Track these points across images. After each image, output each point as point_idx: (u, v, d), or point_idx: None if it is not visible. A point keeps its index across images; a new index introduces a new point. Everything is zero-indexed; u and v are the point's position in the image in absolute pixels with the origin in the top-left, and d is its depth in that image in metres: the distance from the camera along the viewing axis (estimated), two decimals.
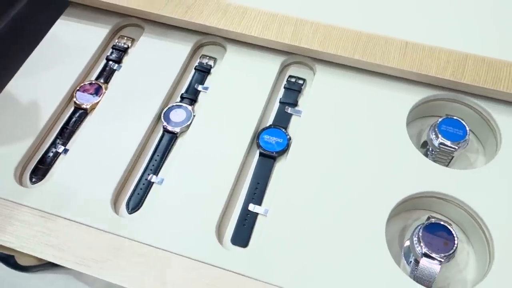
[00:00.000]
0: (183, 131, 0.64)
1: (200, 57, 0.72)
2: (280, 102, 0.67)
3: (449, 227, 0.53)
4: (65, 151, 0.63)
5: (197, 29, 0.70)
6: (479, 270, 0.55)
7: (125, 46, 0.73)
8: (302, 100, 0.67)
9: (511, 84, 0.61)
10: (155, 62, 0.69)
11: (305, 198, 0.57)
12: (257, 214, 0.58)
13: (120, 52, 0.72)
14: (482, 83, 0.61)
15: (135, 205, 0.59)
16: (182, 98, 0.68)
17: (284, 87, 0.68)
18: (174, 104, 0.66)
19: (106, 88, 0.68)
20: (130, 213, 0.59)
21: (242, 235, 0.57)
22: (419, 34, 0.66)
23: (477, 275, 0.55)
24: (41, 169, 0.62)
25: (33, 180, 0.61)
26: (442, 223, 0.54)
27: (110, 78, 0.70)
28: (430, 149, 0.62)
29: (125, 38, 0.74)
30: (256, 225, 0.58)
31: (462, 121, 0.61)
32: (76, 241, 0.55)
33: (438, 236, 0.53)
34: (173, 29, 0.71)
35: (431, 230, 0.53)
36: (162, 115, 0.65)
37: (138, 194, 0.60)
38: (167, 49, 0.70)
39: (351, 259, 0.53)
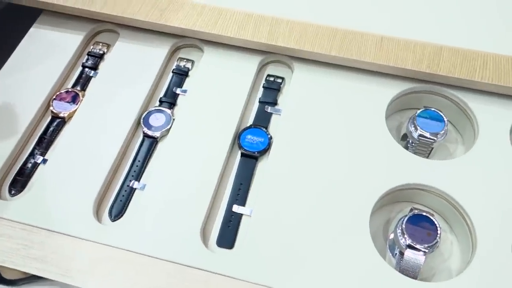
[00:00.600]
0: (163, 135, 0.64)
1: (178, 60, 0.71)
2: (259, 101, 0.67)
3: (431, 217, 0.54)
4: (44, 161, 0.62)
5: (172, 32, 0.69)
6: (463, 258, 0.56)
7: (101, 52, 0.72)
8: (282, 99, 0.67)
9: (486, 74, 0.62)
10: (132, 67, 0.69)
11: (288, 196, 0.57)
12: (241, 215, 0.58)
13: (96, 59, 0.71)
14: (458, 74, 0.62)
15: (118, 212, 0.59)
16: (161, 102, 0.67)
17: (263, 87, 0.68)
18: (153, 108, 0.66)
19: (83, 96, 0.67)
20: (113, 220, 0.58)
21: (227, 236, 0.57)
22: (394, 28, 0.67)
23: (461, 263, 0.56)
24: (20, 180, 0.61)
25: (12, 192, 0.60)
26: (424, 214, 0.54)
27: (87, 85, 0.69)
28: (410, 142, 0.62)
29: (101, 44, 0.73)
30: (241, 225, 0.58)
31: (440, 112, 0.62)
32: (59, 252, 0.54)
33: (421, 227, 0.54)
34: (149, 33, 0.71)
35: (414, 222, 0.54)
36: (141, 120, 0.65)
37: (121, 201, 0.59)
38: (143, 53, 0.70)
39: (337, 254, 0.54)
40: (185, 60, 0.71)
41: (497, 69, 0.62)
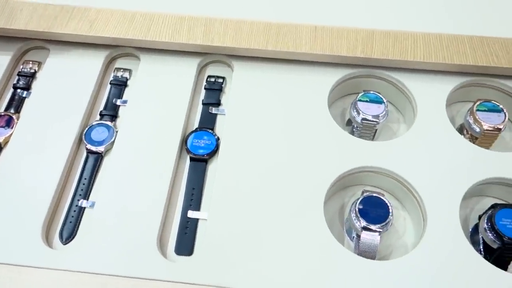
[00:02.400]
0: (108, 149, 0.62)
1: (114, 71, 0.70)
2: (203, 103, 0.66)
3: (381, 197, 0.55)
4: None
5: (105, 42, 0.68)
6: (416, 232, 0.58)
7: (32, 71, 0.69)
8: (225, 99, 0.67)
9: (417, 53, 0.64)
10: (67, 83, 0.66)
11: (242, 196, 0.57)
12: (197, 219, 0.58)
13: (28, 78, 0.68)
14: (391, 55, 0.64)
15: (69, 234, 0.57)
16: (101, 115, 0.65)
17: (205, 88, 0.68)
18: (94, 123, 0.64)
19: (18, 118, 0.64)
20: (64, 243, 0.56)
21: (185, 243, 0.56)
22: (326, 18, 0.68)
23: (416, 237, 0.58)
24: None
25: None
26: (375, 195, 0.55)
27: (21, 107, 0.66)
28: (355, 126, 0.64)
29: (31, 62, 0.70)
30: (198, 230, 0.57)
31: (379, 94, 0.63)
32: (10, 283, 0.51)
33: (374, 207, 0.55)
34: (80, 46, 0.68)
35: (366, 203, 0.55)
36: (83, 136, 0.63)
37: (71, 222, 0.57)
38: (77, 68, 0.67)
39: (295, 247, 0.54)
40: (122, 70, 0.69)
41: (427, 47, 0.65)
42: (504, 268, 0.55)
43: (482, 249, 0.56)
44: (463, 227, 0.57)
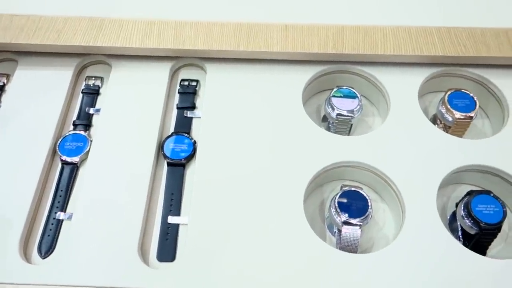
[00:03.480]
0: (83, 159, 0.61)
1: (86, 79, 0.69)
2: (177, 107, 0.66)
3: (360, 191, 0.56)
4: None
5: (75, 51, 0.67)
6: (396, 224, 0.59)
7: (0, 83, 0.67)
8: (200, 102, 0.67)
9: (387, 46, 0.65)
10: (38, 94, 0.65)
11: (221, 199, 0.57)
12: (178, 225, 0.57)
13: None
14: (362, 50, 0.64)
15: (47, 248, 0.56)
16: (75, 125, 0.64)
17: (179, 92, 0.68)
18: (68, 133, 0.63)
19: None
20: (44, 257, 0.55)
21: (167, 249, 0.55)
22: (296, 16, 0.68)
23: (396, 228, 0.58)
24: None
25: None
26: (353, 189, 0.56)
27: None
28: (331, 122, 0.64)
29: None
30: (180, 235, 0.57)
31: (353, 89, 0.64)
32: None
33: (353, 201, 0.55)
34: (50, 56, 0.67)
35: (345, 198, 0.55)
36: (57, 147, 0.61)
37: (49, 235, 0.56)
38: (47, 78, 0.66)
39: (278, 247, 0.54)
40: (93, 78, 0.69)
41: (397, 40, 0.65)
42: (483, 253, 0.56)
43: (460, 236, 0.57)
44: (441, 215, 0.58)
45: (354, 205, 0.55)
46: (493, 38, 0.66)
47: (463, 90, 0.63)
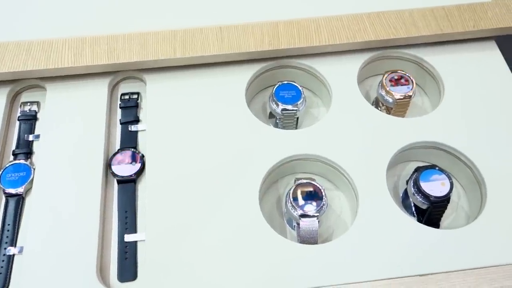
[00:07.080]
0: (28, 189, 0.59)
1: (21, 106, 0.66)
2: (120, 123, 0.65)
3: (313, 182, 0.56)
4: None
5: (4, 78, 0.64)
6: (352, 209, 0.60)
7: None
8: (144, 114, 0.66)
9: (322, 37, 0.66)
10: None
11: (177, 210, 0.56)
12: (136, 242, 0.56)
13: None
14: (298, 43, 0.65)
15: (1, 286, 0.53)
16: (15, 155, 0.62)
17: (120, 107, 0.66)
18: (8, 164, 0.60)
19: None
20: None
21: (127, 269, 0.54)
22: (229, 17, 0.68)
23: (352, 214, 0.59)
24: None
25: None
26: (306, 181, 0.56)
27: None
28: (278, 118, 0.65)
29: None
30: (139, 252, 0.55)
31: (294, 83, 0.64)
32: None
33: (307, 194, 0.56)
34: None
35: (299, 191, 0.56)
36: None
37: (1, 273, 0.54)
38: None
39: (239, 250, 0.53)
40: (29, 104, 0.66)
41: (330, 29, 0.66)
42: (437, 225, 0.58)
43: (414, 212, 0.58)
44: (394, 194, 0.60)
45: (309, 196, 0.56)
46: (421, 18, 0.68)
47: (399, 71, 0.65)
